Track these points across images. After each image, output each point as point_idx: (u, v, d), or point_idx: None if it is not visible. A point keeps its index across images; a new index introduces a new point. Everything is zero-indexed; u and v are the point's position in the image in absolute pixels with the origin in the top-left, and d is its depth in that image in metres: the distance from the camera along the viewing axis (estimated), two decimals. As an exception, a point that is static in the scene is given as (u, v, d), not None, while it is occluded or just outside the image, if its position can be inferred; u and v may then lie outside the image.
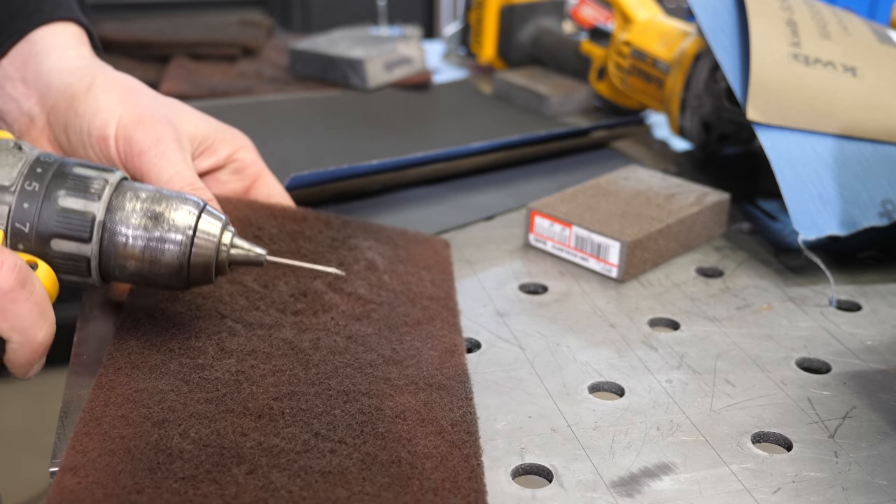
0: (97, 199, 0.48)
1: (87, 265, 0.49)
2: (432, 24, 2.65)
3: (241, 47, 1.21)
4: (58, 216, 0.48)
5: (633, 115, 0.99)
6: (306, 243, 0.62)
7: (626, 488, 0.44)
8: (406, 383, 0.50)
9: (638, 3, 0.99)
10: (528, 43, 1.15)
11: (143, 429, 0.44)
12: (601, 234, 0.65)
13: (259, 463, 0.43)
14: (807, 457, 0.47)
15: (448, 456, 0.44)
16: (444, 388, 0.50)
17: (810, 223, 0.65)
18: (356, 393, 0.49)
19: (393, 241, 0.66)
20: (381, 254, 0.63)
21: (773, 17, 0.76)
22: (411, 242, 0.66)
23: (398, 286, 0.60)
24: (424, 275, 0.63)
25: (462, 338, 0.57)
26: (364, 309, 0.57)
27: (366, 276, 0.61)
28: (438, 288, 0.61)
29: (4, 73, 0.59)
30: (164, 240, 0.49)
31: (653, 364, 0.55)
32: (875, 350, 0.57)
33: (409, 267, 0.63)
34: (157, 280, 0.50)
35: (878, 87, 0.73)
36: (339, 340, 0.54)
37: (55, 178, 0.48)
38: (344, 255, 0.62)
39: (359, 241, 0.64)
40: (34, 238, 0.48)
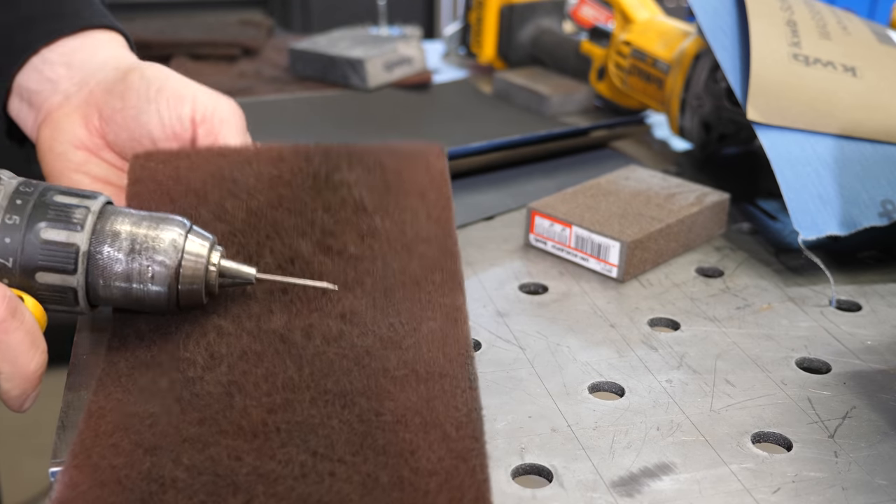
0: (80, 230, 0.47)
1: (73, 295, 0.48)
2: (432, 24, 2.65)
3: (241, 47, 1.21)
4: (41, 249, 0.47)
5: (633, 115, 0.99)
6: (286, 189, 0.58)
7: (626, 488, 0.44)
8: (406, 373, 0.48)
9: (638, 3, 0.99)
10: (528, 43, 1.15)
11: (135, 457, 0.42)
12: (601, 234, 0.65)
13: (255, 492, 0.41)
14: (807, 457, 0.47)
15: (453, 471, 0.42)
16: (446, 375, 0.48)
17: (810, 223, 0.65)
18: (354, 394, 0.47)
19: (381, 164, 0.61)
20: (369, 188, 0.59)
21: (773, 17, 0.76)
22: (402, 161, 0.61)
23: (391, 229, 0.57)
24: (419, 206, 0.58)
25: (463, 291, 0.54)
26: (356, 272, 0.54)
27: (356, 223, 0.57)
28: (435, 222, 0.58)
29: (44, 58, 0.60)
30: (152, 263, 0.48)
31: (653, 364, 0.55)
32: (875, 350, 0.57)
33: (401, 198, 0.59)
34: (146, 305, 0.50)
35: (878, 87, 0.73)
36: (332, 324, 0.51)
37: (36, 209, 0.47)
38: (329, 198, 0.58)
39: (343, 174, 0.59)
40: (18, 272, 0.47)
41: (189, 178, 0.58)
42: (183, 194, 0.57)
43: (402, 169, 0.61)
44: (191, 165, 0.58)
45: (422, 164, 0.61)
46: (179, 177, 0.58)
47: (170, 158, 0.58)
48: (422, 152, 0.62)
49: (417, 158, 0.62)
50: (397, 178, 0.60)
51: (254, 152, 0.59)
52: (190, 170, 0.58)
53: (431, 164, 0.62)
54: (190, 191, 0.57)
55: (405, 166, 0.61)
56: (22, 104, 0.62)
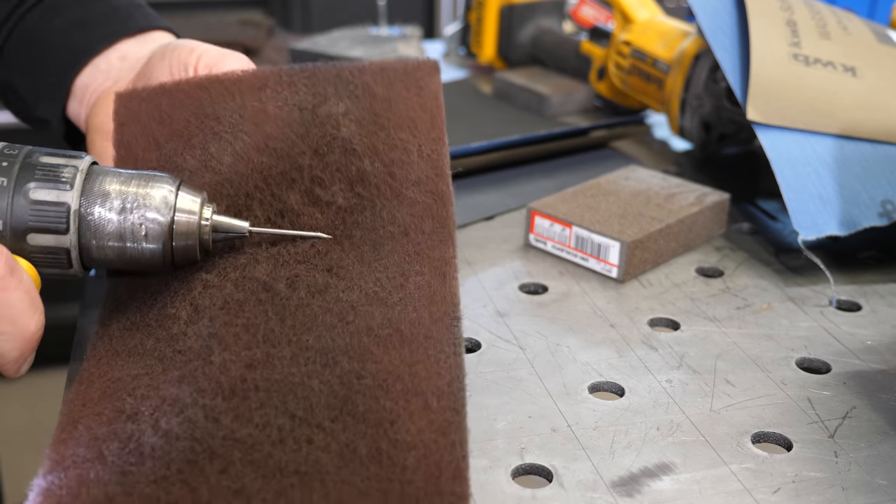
0: (69, 188, 0.47)
1: (67, 256, 0.47)
2: (432, 24, 2.65)
3: (241, 47, 1.21)
4: (31, 210, 0.46)
5: (633, 115, 0.99)
6: (273, 127, 0.55)
7: (626, 488, 0.44)
8: (390, 332, 0.46)
9: (638, 3, 0.99)
10: (528, 43, 1.15)
11: (117, 425, 0.42)
12: (601, 234, 0.65)
13: (232, 459, 0.40)
14: (807, 457, 0.47)
15: (432, 446, 0.41)
16: (430, 337, 0.46)
17: (810, 223, 0.65)
18: (336, 353, 0.45)
19: (370, 91, 0.57)
20: (358, 121, 0.56)
21: (773, 17, 0.76)
22: (392, 85, 0.57)
23: (381, 172, 0.54)
24: (410, 141, 0.56)
25: (453, 241, 0.53)
26: (344, 224, 0.53)
27: (345, 168, 0.54)
28: (426, 159, 0.55)
29: (102, 57, 0.61)
30: (145, 219, 0.48)
31: (653, 364, 0.55)
32: (875, 350, 0.57)
33: (392, 133, 0.56)
34: (140, 263, 0.49)
35: (878, 87, 0.73)
36: (318, 276, 0.50)
37: (23, 171, 0.46)
38: (316, 135, 0.55)
39: (330, 106, 0.56)
40: (9, 235, 0.46)
41: (172, 117, 0.56)
42: (168, 138, 0.56)
43: (392, 95, 0.57)
44: (173, 102, 0.56)
45: (413, 86, 0.57)
46: (163, 117, 0.56)
47: (152, 95, 0.57)
48: (413, 71, 0.58)
49: (409, 80, 0.57)
50: (387, 107, 0.56)
51: (235, 80, 0.56)
52: (172, 107, 0.56)
53: (424, 86, 0.57)
54: (174, 133, 0.56)
55: (395, 92, 0.57)
56: (79, 104, 0.62)
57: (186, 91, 0.56)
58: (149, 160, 0.55)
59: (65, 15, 0.62)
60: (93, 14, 0.62)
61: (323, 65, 0.57)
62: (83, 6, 0.62)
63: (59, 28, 0.61)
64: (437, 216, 0.53)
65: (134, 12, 0.63)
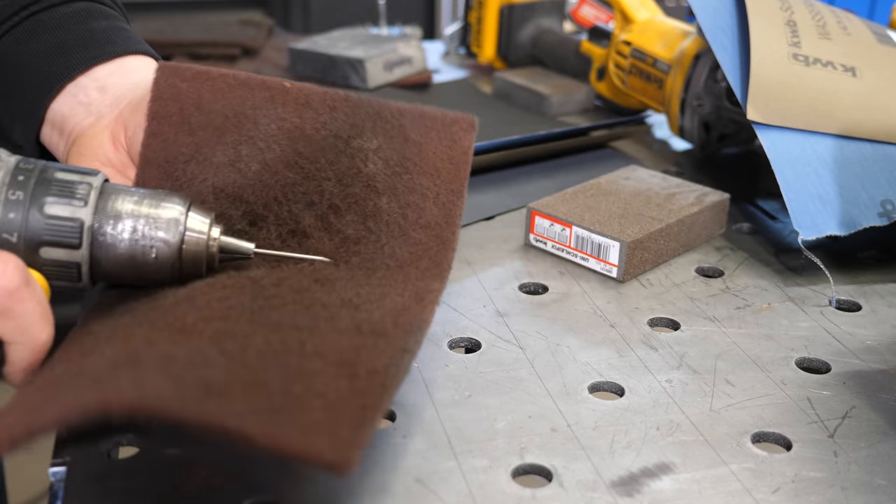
0: (84, 205, 0.48)
1: (77, 271, 0.49)
2: (432, 24, 2.66)
3: (241, 47, 1.21)
4: (46, 224, 0.47)
5: (633, 115, 0.99)
6: (305, 146, 0.56)
7: (625, 488, 0.44)
8: (349, 326, 0.47)
9: (638, 3, 0.99)
10: (528, 43, 1.15)
11: (74, 363, 0.44)
12: (601, 234, 0.65)
13: (147, 366, 0.40)
14: (806, 456, 0.47)
15: (341, 404, 0.40)
16: (386, 335, 0.46)
17: (810, 223, 0.65)
18: (289, 327, 0.46)
19: (404, 133, 0.58)
20: (386, 160, 0.57)
21: (772, 16, 0.76)
22: (427, 132, 0.58)
23: (394, 212, 0.56)
24: (430, 187, 0.57)
25: (443, 278, 0.54)
26: (347, 252, 0.55)
27: (362, 202, 0.56)
28: (441, 206, 0.57)
29: (78, 84, 0.60)
30: (155, 240, 0.49)
31: (653, 364, 0.55)
32: (875, 350, 0.57)
33: (415, 177, 0.57)
34: (147, 279, 0.51)
35: (877, 87, 0.73)
36: (304, 281, 0.52)
37: (38, 185, 0.48)
38: (344, 165, 0.56)
39: (364, 141, 0.57)
40: (23, 247, 0.47)
41: (211, 107, 0.56)
42: (202, 125, 0.56)
43: (425, 142, 0.58)
44: (214, 92, 0.56)
45: (447, 138, 0.58)
46: (202, 104, 0.56)
47: (195, 77, 0.57)
48: (450, 123, 0.59)
49: (443, 131, 0.58)
50: (417, 152, 0.58)
51: (280, 90, 0.57)
52: (213, 97, 0.56)
53: (457, 140, 0.58)
54: (209, 123, 0.56)
55: (428, 139, 0.58)
56: (53, 131, 0.61)
57: (231, 84, 0.57)
58: (179, 143, 0.56)
59: (44, 38, 0.60)
60: (71, 38, 0.61)
61: (367, 98, 0.58)
62: (62, 30, 0.61)
63: (37, 52, 0.60)
64: (434, 257, 0.55)
65: (113, 36, 0.62)
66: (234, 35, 1.25)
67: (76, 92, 0.60)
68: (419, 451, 0.47)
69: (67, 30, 0.61)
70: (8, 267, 0.43)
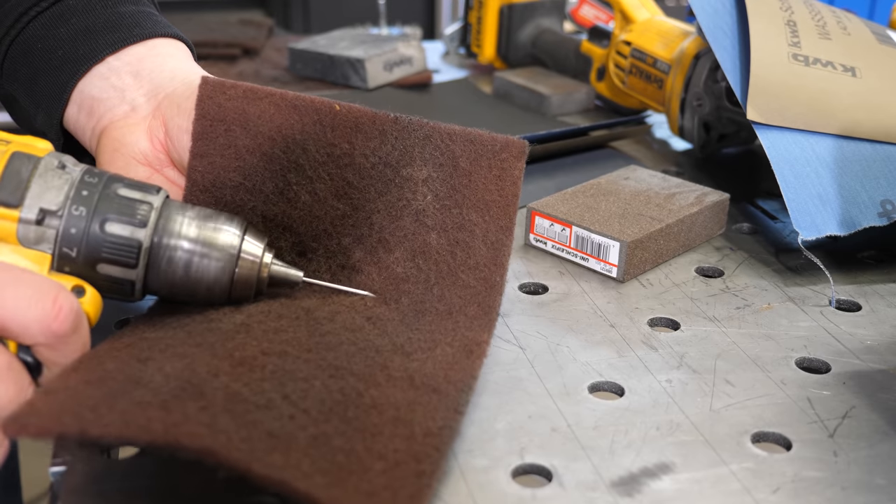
0: (143, 226, 0.49)
1: (131, 288, 0.50)
2: (432, 24, 2.66)
3: (241, 47, 1.21)
4: (105, 243, 0.48)
5: (633, 115, 0.99)
6: (355, 176, 0.56)
7: (625, 488, 0.44)
8: (402, 376, 0.48)
9: (638, 3, 0.99)
10: (528, 43, 1.15)
11: (128, 364, 0.44)
12: (601, 234, 0.65)
13: (215, 402, 0.41)
14: (806, 456, 0.47)
15: (402, 465, 0.41)
16: (439, 392, 0.48)
17: (810, 223, 0.65)
18: (346, 371, 0.47)
19: (454, 161, 0.57)
20: (435, 192, 0.56)
21: (772, 17, 0.76)
22: (476, 160, 0.57)
23: (443, 250, 0.56)
24: (478, 223, 0.56)
25: (491, 328, 0.55)
26: (396, 290, 0.56)
27: (411, 235, 0.56)
28: (490, 246, 0.56)
29: (109, 67, 0.59)
30: (209, 260, 0.50)
31: (653, 364, 0.55)
32: (875, 350, 0.57)
33: (464, 211, 0.56)
34: (198, 298, 0.52)
35: (877, 87, 0.73)
36: (357, 319, 0.53)
37: (101, 202, 0.48)
38: (394, 196, 0.56)
39: (414, 169, 0.56)
40: (81, 262, 0.48)
41: (259, 130, 0.55)
42: (249, 150, 0.55)
43: (474, 171, 0.57)
44: (261, 113, 0.55)
45: (496, 167, 0.57)
46: (248, 125, 0.55)
47: (241, 97, 0.56)
48: (501, 150, 0.57)
49: (494, 158, 0.57)
50: (466, 183, 0.57)
51: (328, 113, 0.56)
52: (260, 119, 0.55)
53: (507, 168, 0.57)
54: (257, 148, 0.55)
55: (478, 168, 0.57)
56: (80, 113, 0.60)
57: (279, 106, 0.56)
58: (227, 167, 0.55)
59: (71, 23, 0.60)
60: (98, 21, 0.60)
61: (417, 120, 0.57)
62: (89, 14, 0.61)
63: (64, 36, 0.60)
64: (482, 303, 0.55)
65: (141, 20, 0.61)
66: (234, 35, 1.25)
67: (108, 75, 0.59)
68: (419, 451, 0.47)
69: (94, 14, 0.61)
70: (62, 312, 0.44)
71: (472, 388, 0.50)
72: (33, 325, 0.43)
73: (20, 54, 0.61)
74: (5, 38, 0.61)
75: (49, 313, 0.43)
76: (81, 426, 0.38)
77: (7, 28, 0.61)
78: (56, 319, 0.44)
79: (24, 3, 0.61)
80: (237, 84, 0.56)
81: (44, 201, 0.47)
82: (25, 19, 0.61)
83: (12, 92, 0.63)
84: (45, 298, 0.44)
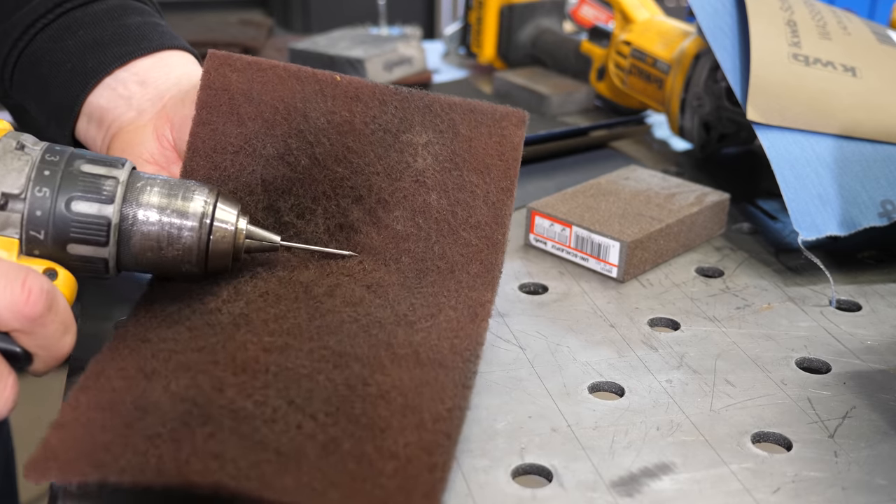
0: (110, 203, 0.48)
1: (104, 265, 0.49)
2: (432, 24, 2.66)
3: (241, 47, 1.21)
4: (73, 223, 0.47)
5: (633, 115, 0.99)
6: (355, 141, 0.57)
7: (626, 488, 0.44)
8: (407, 353, 0.48)
9: (638, 3, 0.99)
10: (528, 43, 1.15)
11: (134, 382, 0.45)
12: (601, 234, 0.65)
13: (222, 426, 0.42)
14: (806, 457, 0.47)
15: (414, 461, 0.41)
16: (445, 366, 0.48)
17: (810, 223, 0.65)
18: (350, 357, 0.47)
19: (454, 128, 0.58)
20: (435, 155, 0.57)
21: (772, 17, 0.76)
22: (477, 127, 0.58)
23: (443, 209, 0.56)
24: (479, 185, 0.57)
25: (495, 287, 0.55)
26: (397, 249, 0.56)
27: (411, 195, 0.57)
28: (491, 206, 0.57)
29: (117, 78, 0.60)
30: (182, 229, 0.50)
31: (653, 364, 0.55)
32: (875, 350, 0.57)
33: (465, 173, 0.57)
34: (174, 271, 0.51)
35: (877, 87, 0.73)
36: (357, 290, 0.53)
37: (65, 181, 0.47)
38: (393, 160, 0.57)
39: (414, 135, 0.57)
40: (50, 244, 0.47)
41: (261, 99, 0.57)
42: (252, 117, 0.57)
43: (475, 137, 0.58)
44: (264, 83, 0.57)
45: (496, 133, 0.58)
46: (252, 95, 0.57)
47: (245, 68, 0.57)
48: (501, 118, 0.58)
49: (494, 125, 0.58)
50: (467, 147, 0.58)
51: (330, 83, 0.57)
52: (263, 89, 0.57)
53: (507, 135, 0.58)
54: (259, 115, 0.57)
55: (478, 134, 0.58)
56: (90, 124, 0.61)
57: (282, 76, 0.57)
58: (228, 133, 0.56)
59: (78, 36, 0.60)
60: (106, 34, 0.61)
61: (417, 91, 0.58)
62: (96, 26, 0.61)
63: (72, 49, 0.60)
64: (485, 261, 0.56)
65: (148, 32, 0.62)
66: (234, 35, 1.25)
67: (115, 85, 0.60)
68: (419, 451, 0.46)
69: (102, 26, 0.61)
70: (32, 294, 0.43)
71: (479, 355, 0.50)
72: (4, 312, 0.43)
73: (29, 66, 0.61)
74: (13, 51, 0.61)
75: (19, 298, 0.43)
76: (101, 473, 0.39)
77: (14, 40, 0.61)
78: (27, 303, 0.43)
79: (31, 16, 0.61)
80: (242, 57, 0.57)
81: (5, 185, 0.46)
82: (33, 31, 0.61)
83: (23, 103, 0.63)
84: (14, 283, 0.43)
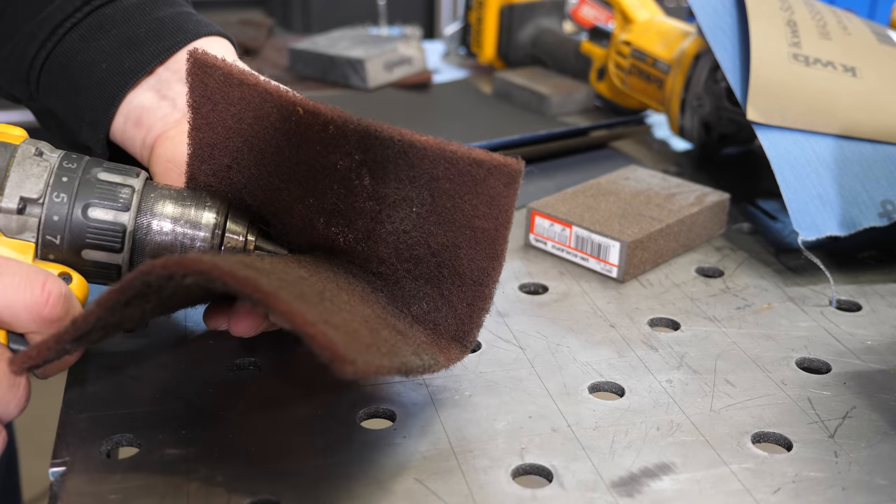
0: (126, 210, 0.49)
1: (118, 272, 0.50)
2: (432, 24, 2.66)
3: (241, 47, 1.21)
4: (89, 229, 0.48)
5: (633, 115, 0.99)
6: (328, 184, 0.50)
7: (626, 488, 0.44)
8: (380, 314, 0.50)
9: (638, 3, 0.99)
10: (528, 43, 1.15)
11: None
12: (601, 234, 0.65)
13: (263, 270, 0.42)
14: (807, 457, 0.47)
15: (371, 332, 0.44)
16: (405, 336, 0.49)
17: (810, 223, 0.65)
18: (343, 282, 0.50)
19: (433, 184, 0.48)
20: (418, 215, 0.49)
21: (773, 17, 0.76)
22: (463, 188, 0.47)
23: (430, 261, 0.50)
24: (465, 247, 0.49)
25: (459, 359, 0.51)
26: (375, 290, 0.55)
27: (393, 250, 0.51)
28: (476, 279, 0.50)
29: (159, 78, 0.58)
30: (194, 240, 0.50)
31: (653, 364, 0.55)
32: (875, 350, 0.57)
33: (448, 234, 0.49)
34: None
35: (877, 87, 0.73)
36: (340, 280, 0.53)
37: (82, 188, 0.48)
38: (369, 216, 0.50)
39: (389, 189, 0.49)
40: (66, 249, 0.48)
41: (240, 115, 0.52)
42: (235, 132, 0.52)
43: (458, 195, 0.48)
44: (240, 98, 0.52)
45: (484, 193, 0.47)
46: (231, 107, 0.52)
47: (223, 79, 0.52)
48: (485, 176, 0.47)
49: (481, 185, 0.47)
50: (450, 206, 0.49)
51: (293, 116, 0.50)
52: (240, 103, 0.52)
53: (496, 198, 0.47)
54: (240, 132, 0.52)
55: (462, 194, 0.48)
56: (128, 124, 0.58)
57: (248, 98, 0.51)
58: (217, 144, 0.53)
59: (111, 34, 0.58)
60: (140, 31, 0.58)
61: (388, 131, 0.47)
62: (129, 23, 0.59)
63: (106, 48, 0.58)
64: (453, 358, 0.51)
65: (183, 23, 0.59)
66: (233, 35, 1.24)
67: (158, 86, 0.58)
68: (419, 451, 0.47)
69: (134, 22, 0.59)
70: (51, 297, 0.44)
71: (436, 362, 0.48)
72: (23, 313, 0.43)
73: (58, 68, 0.59)
74: (41, 52, 0.59)
75: (39, 300, 0.43)
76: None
77: (42, 41, 0.58)
78: (46, 305, 0.43)
79: (59, 15, 0.58)
80: (218, 66, 0.52)
81: (24, 190, 0.47)
82: (61, 31, 0.58)
83: (49, 106, 0.61)
84: (34, 285, 0.43)
